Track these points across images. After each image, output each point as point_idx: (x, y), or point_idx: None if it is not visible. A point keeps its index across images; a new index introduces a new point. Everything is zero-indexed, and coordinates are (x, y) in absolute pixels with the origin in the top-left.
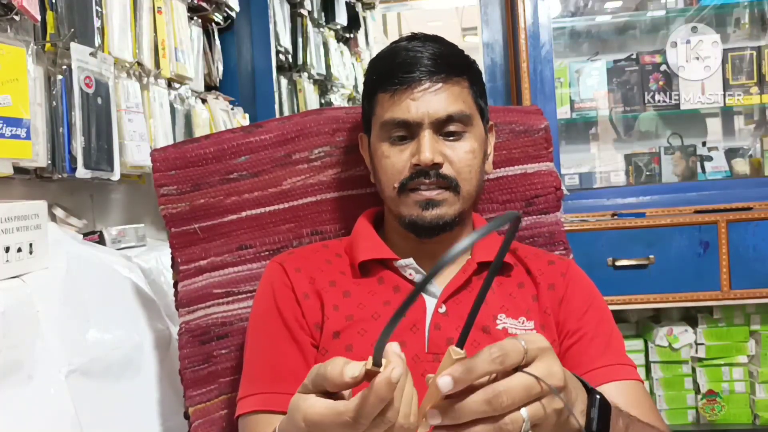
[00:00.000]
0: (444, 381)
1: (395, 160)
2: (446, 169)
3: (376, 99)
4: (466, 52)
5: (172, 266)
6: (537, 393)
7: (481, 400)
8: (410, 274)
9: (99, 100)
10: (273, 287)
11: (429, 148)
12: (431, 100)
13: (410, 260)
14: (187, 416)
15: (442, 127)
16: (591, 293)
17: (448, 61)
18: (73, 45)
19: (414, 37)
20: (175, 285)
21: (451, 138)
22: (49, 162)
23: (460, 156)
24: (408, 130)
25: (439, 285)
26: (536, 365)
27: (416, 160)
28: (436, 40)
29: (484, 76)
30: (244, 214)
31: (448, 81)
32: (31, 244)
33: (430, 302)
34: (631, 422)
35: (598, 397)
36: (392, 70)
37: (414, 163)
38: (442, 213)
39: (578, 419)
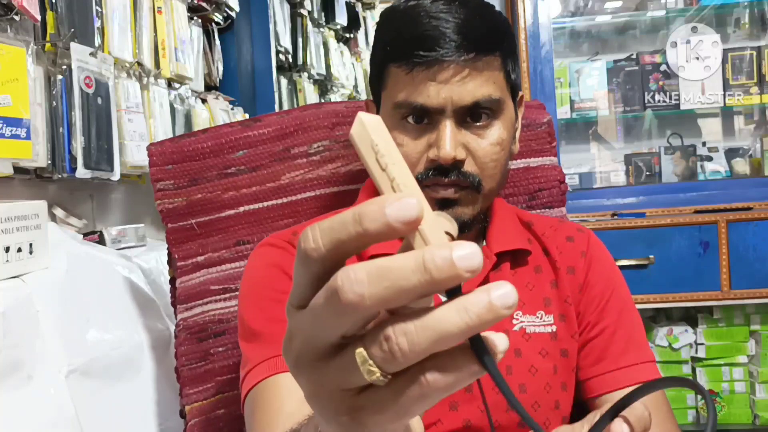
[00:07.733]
0: None
1: (409, 150)
2: (468, 166)
3: (388, 70)
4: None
5: (169, 262)
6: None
7: None
8: None
9: (99, 100)
10: (272, 254)
11: (450, 142)
12: (456, 83)
13: None
14: (183, 414)
15: (467, 114)
16: (612, 275)
17: (478, 34)
18: (73, 45)
19: None
20: (172, 281)
21: (477, 125)
22: (49, 162)
23: (486, 149)
24: (426, 115)
25: None
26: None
27: (434, 155)
28: (464, 3)
29: None
30: (242, 209)
31: (478, 60)
32: (31, 244)
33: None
34: None
35: None
36: (411, 42)
37: (431, 158)
38: (458, 213)
39: None
